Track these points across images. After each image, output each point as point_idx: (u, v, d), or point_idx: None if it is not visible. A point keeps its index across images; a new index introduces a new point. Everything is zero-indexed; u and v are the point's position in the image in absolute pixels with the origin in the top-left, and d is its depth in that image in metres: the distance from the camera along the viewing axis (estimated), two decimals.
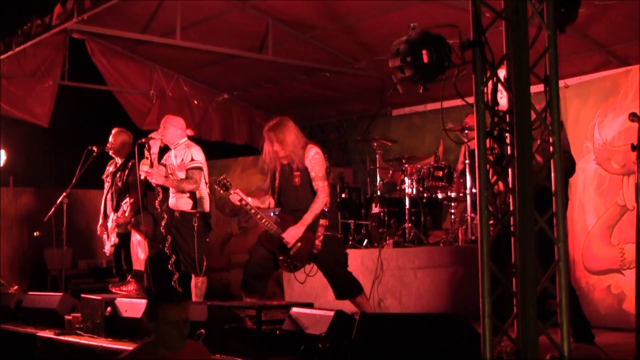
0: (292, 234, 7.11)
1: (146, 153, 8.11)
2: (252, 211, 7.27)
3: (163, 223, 8.03)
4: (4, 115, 10.54)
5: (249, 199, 7.31)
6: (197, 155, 8.16)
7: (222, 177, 7.32)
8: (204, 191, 8.19)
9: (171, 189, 8.19)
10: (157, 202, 8.14)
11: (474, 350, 4.58)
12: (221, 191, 7.34)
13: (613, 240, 7.95)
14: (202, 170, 8.14)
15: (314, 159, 7.22)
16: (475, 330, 4.75)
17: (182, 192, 8.07)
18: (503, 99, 4.93)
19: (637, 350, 5.05)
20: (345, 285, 7.36)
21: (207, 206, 8.22)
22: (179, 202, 8.11)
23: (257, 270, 7.29)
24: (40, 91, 10.67)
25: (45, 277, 11.62)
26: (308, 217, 7.11)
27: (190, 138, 8.38)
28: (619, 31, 8.44)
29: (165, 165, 8.25)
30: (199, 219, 8.09)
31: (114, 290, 8.15)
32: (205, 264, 8.13)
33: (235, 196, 7.25)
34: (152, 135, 8.24)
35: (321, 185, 7.17)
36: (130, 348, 6.53)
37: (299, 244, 7.13)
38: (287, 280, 9.61)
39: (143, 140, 8.14)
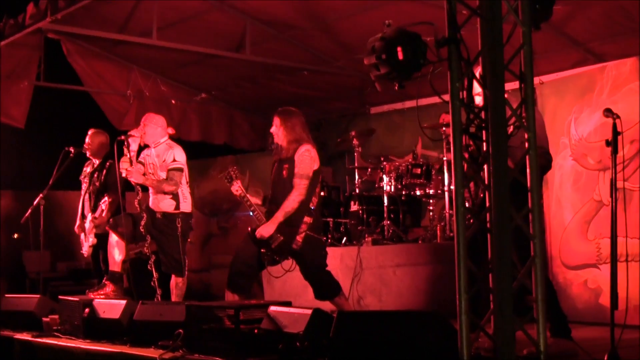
0: (263, 231, 7.14)
1: (125, 151, 8.08)
2: (248, 203, 7.32)
3: (143, 223, 8.00)
4: None
5: (249, 195, 7.37)
6: (179, 156, 8.13)
7: (230, 169, 7.36)
8: (186, 192, 8.16)
9: (150, 189, 8.16)
10: (136, 202, 8.10)
11: (452, 347, 4.58)
12: (227, 182, 7.41)
13: (589, 235, 7.99)
14: (183, 171, 8.11)
15: (303, 155, 7.25)
16: (453, 327, 4.76)
17: (162, 192, 8.04)
18: (479, 96, 4.94)
19: (612, 345, 5.07)
20: (323, 286, 7.37)
21: (189, 207, 8.20)
22: (162, 203, 8.07)
23: (242, 268, 7.30)
24: (15, 92, 10.58)
25: (24, 280, 11.57)
26: (279, 215, 7.14)
27: (171, 137, 8.35)
28: (595, 28, 8.48)
29: (143, 164, 8.21)
30: (182, 220, 8.07)
31: (92, 296, 8.11)
32: (186, 264, 8.12)
33: (236, 188, 7.32)
34: (132, 132, 8.19)
35: (298, 183, 7.19)
36: (110, 349, 6.53)
37: (280, 237, 7.15)
38: (266, 279, 9.59)
39: (123, 137, 8.09)
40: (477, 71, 4.76)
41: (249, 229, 7.36)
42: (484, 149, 4.63)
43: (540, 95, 8.46)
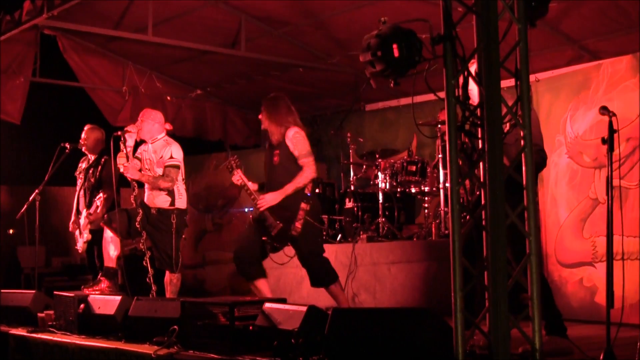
0: (268, 199, 7.20)
1: (122, 146, 8.07)
2: (248, 192, 7.38)
3: (138, 219, 7.99)
4: None
5: (250, 183, 7.42)
6: (177, 153, 8.12)
7: (230, 159, 7.40)
8: (181, 189, 8.16)
9: (146, 185, 8.15)
10: (132, 197, 8.10)
11: (447, 345, 4.59)
12: (228, 172, 7.45)
13: (585, 233, 7.99)
14: (180, 168, 8.11)
15: (295, 137, 7.30)
16: (448, 324, 4.76)
17: (158, 189, 8.04)
18: (474, 93, 4.94)
19: (607, 343, 5.08)
20: (320, 272, 7.40)
21: (184, 204, 8.19)
22: (157, 199, 8.07)
23: (245, 257, 7.37)
24: (11, 88, 10.60)
25: (19, 275, 11.56)
26: (289, 188, 7.19)
27: (167, 133, 8.35)
28: (590, 26, 8.50)
29: (139, 159, 8.21)
30: (176, 216, 8.06)
31: (87, 292, 8.11)
32: (180, 260, 8.11)
33: (237, 177, 7.36)
34: (129, 128, 8.18)
35: (307, 162, 7.28)
36: (104, 345, 6.53)
37: (280, 224, 7.17)
38: None
39: (119, 133, 8.09)
40: (473, 68, 4.76)
41: (251, 217, 7.38)
42: (479, 146, 4.63)
43: (536, 92, 8.46)
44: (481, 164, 4.60)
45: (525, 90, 4.68)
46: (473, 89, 4.85)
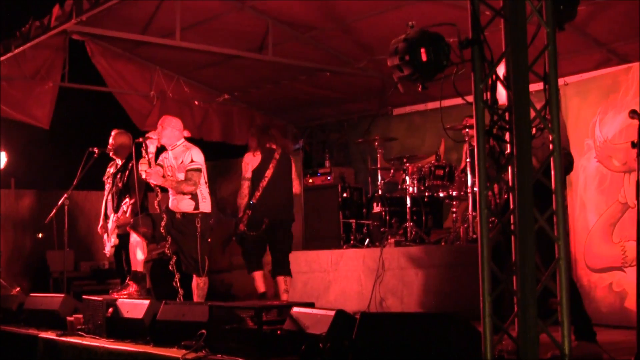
0: None
1: (143, 152, 8.12)
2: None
3: (162, 224, 8.03)
4: (5, 118, 10.53)
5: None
6: (197, 156, 8.15)
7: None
8: (205, 192, 8.18)
9: (170, 190, 8.19)
10: (156, 203, 8.14)
11: (475, 350, 4.57)
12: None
13: (614, 238, 7.93)
14: (202, 171, 8.13)
15: None
16: (476, 329, 4.74)
17: (181, 193, 8.07)
18: (502, 97, 4.92)
19: (638, 348, 5.03)
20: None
21: (208, 207, 8.22)
22: (181, 204, 8.11)
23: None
24: (40, 93, 10.66)
25: (47, 279, 11.63)
26: None
27: (188, 139, 8.38)
28: (618, 29, 8.43)
29: (162, 166, 8.25)
30: (201, 220, 8.09)
31: (115, 296, 8.15)
32: (207, 264, 8.13)
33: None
34: (150, 134, 8.24)
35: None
36: (133, 349, 6.56)
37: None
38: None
39: (141, 139, 8.15)
40: (501, 72, 4.74)
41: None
42: (508, 150, 4.61)
43: (564, 96, 8.41)
44: (509, 168, 4.57)
45: (554, 94, 4.66)
46: (501, 93, 4.82)
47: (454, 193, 9.68)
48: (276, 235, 8.98)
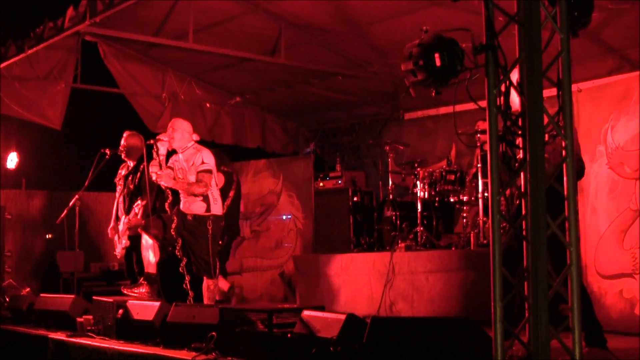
0: None
1: (154, 154, 8.14)
2: None
3: (173, 226, 8.04)
4: (17, 118, 10.57)
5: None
6: (208, 158, 8.16)
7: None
8: (216, 194, 8.20)
9: (181, 192, 8.20)
10: (166, 205, 8.16)
11: (486, 355, 4.57)
12: None
13: (625, 244, 7.90)
14: (212, 173, 8.14)
15: None
16: (487, 334, 4.74)
17: (193, 195, 8.08)
18: (516, 103, 4.91)
19: None
20: None
21: (220, 209, 8.23)
22: (193, 206, 8.11)
23: None
24: (52, 94, 10.69)
25: (57, 279, 11.64)
26: None
27: (198, 142, 8.39)
28: (632, 35, 8.41)
29: (172, 168, 8.26)
30: (212, 222, 8.10)
31: (126, 292, 8.17)
32: (217, 266, 8.15)
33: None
34: (160, 137, 8.26)
35: None
36: (143, 350, 6.57)
37: None
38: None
39: (152, 141, 8.17)
40: (514, 78, 4.73)
41: None
42: (520, 156, 4.61)
43: (576, 102, 8.38)
44: (522, 173, 4.57)
45: (568, 100, 4.66)
46: (514, 98, 4.82)
47: (465, 198, 9.66)
48: None
